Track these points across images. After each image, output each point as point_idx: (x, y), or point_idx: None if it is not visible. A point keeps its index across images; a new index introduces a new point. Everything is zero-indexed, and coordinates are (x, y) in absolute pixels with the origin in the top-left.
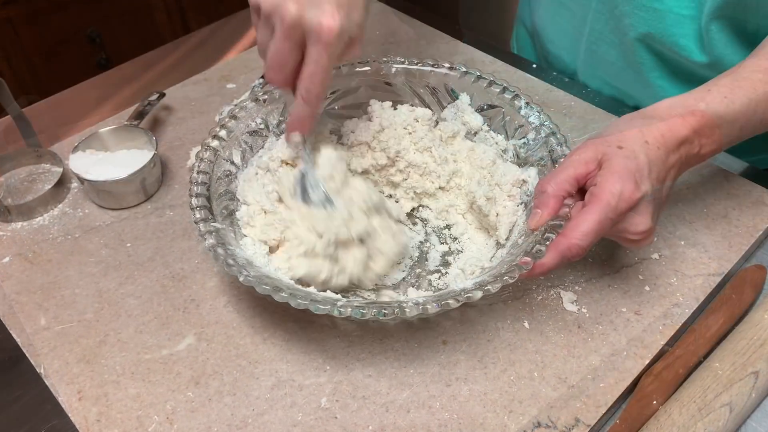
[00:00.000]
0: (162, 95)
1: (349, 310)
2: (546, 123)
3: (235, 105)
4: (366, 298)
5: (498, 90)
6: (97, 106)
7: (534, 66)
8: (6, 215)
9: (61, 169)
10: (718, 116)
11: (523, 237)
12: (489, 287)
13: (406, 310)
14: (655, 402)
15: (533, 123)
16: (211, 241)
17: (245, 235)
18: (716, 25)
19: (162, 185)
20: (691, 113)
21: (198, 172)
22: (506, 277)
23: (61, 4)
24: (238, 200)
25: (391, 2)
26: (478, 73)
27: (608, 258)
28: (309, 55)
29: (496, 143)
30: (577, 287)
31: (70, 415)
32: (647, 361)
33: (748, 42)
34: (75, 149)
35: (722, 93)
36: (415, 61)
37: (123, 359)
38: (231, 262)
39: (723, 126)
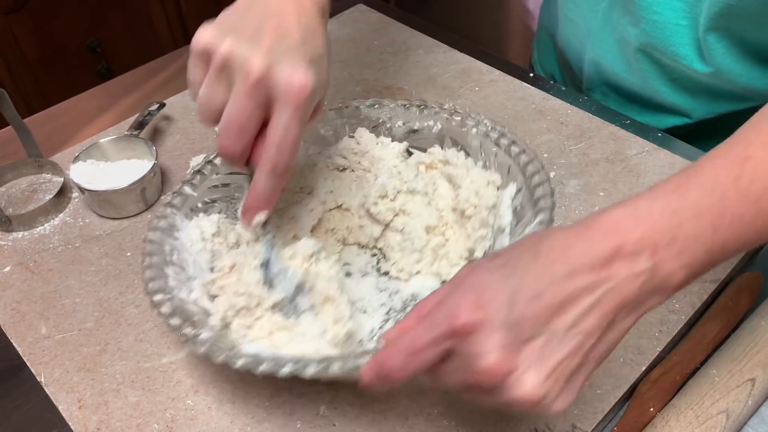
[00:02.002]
0: (162, 105)
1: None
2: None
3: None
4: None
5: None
6: (97, 116)
7: (531, 75)
8: (7, 225)
9: (61, 179)
10: (671, 212)
11: None
12: None
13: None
14: (652, 409)
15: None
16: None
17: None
18: (713, 36)
19: (162, 195)
20: (629, 215)
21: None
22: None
23: (62, 15)
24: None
25: (389, 12)
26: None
27: None
28: (277, 118)
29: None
30: None
31: (70, 423)
32: (644, 368)
33: (748, 52)
34: (75, 159)
35: (672, 185)
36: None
37: (123, 368)
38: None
39: (686, 225)
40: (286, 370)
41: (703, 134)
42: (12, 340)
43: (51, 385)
